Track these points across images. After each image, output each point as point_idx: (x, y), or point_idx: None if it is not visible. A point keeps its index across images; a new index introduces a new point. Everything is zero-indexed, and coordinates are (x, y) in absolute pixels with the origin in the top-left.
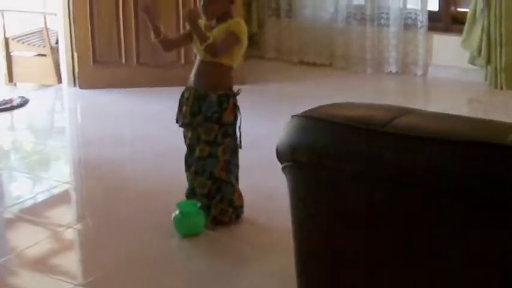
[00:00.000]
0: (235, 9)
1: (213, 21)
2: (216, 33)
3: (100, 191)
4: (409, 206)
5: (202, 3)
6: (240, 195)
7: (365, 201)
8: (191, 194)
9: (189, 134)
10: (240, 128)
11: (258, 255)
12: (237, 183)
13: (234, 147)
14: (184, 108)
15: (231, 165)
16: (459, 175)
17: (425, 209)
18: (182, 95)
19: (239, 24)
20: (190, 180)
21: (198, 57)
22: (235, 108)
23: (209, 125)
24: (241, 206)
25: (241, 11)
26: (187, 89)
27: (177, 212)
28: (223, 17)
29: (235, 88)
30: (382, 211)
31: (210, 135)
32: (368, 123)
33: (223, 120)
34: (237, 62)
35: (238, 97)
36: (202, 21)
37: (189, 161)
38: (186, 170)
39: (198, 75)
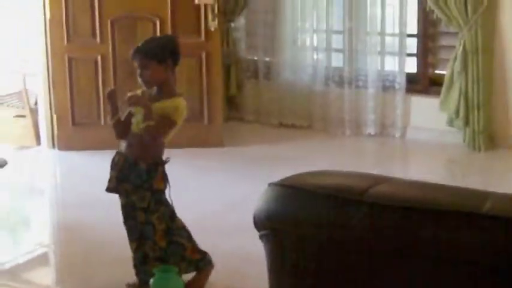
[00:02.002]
0: (173, 78)
1: (154, 90)
2: (154, 111)
3: (79, 255)
4: (386, 274)
5: (139, 71)
6: (195, 251)
7: (341, 271)
8: (143, 260)
9: (121, 200)
10: (170, 195)
11: None
12: (191, 241)
13: (171, 214)
14: (111, 173)
15: (173, 231)
16: (435, 244)
17: (402, 278)
18: (112, 160)
19: (176, 107)
20: (136, 248)
21: (132, 127)
22: (165, 176)
23: (141, 192)
24: (200, 260)
25: (220, 74)
26: (117, 153)
27: (156, 277)
28: (164, 87)
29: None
30: (359, 280)
31: (143, 202)
32: (344, 193)
33: (154, 187)
34: (169, 138)
35: (218, 158)
36: (139, 91)
37: (126, 228)
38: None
39: (129, 145)
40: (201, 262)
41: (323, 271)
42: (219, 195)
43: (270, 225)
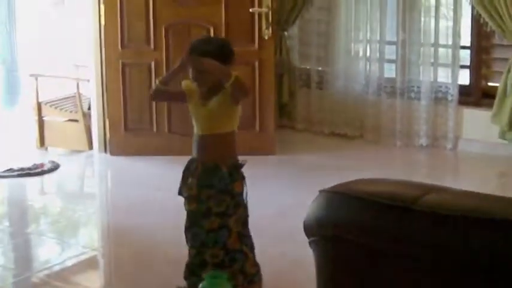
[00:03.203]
0: None
1: (204, 89)
2: (215, 104)
3: (128, 258)
4: (436, 284)
5: (194, 73)
6: (254, 264)
7: (391, 279)
8: (198, 267)
9: (192, 207)
10: (246, 197)
11: None
12: (252, 252)
13: (245, 218)
14: (190, 180)
15: (243, 237)
16: (488, 253)
17: (452, 286)
18: (187, 167)
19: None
20: (196, 254)
21: (196, 132)
22: (243, 179)
23: (221, 196)
24: (255, 274)
25: (273, 82)
26: (192, 161)
27: (205, 282)
28: (217, 86)
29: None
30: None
31: (221, 206)
32: (396, 200)
33: (234, 191)
34: (237, 123)
35: (269, 165)
36: (188, 82)
37: (189, 235)
38: (188, 243)
39: (201, 149)
40: (256, 276)
41: (371, 278)
42: (270, 202)
43: (319, 231)
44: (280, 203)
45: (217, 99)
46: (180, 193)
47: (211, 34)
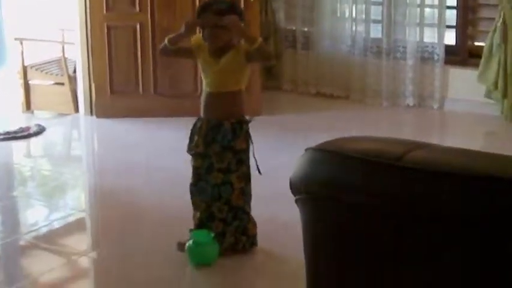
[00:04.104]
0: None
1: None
2: (227, 61)
3: (115, 220)
4: (421, 240)
5: (209, 30)
6: (255, 224)
7: (376, 235)
8: (206, 219)
9: (198, 163)
10: (254, 155)
11: (272, 285)
12: (250, 211)
13: (248, 176)
14: (196, 138)
15: (246, 194)
16: (471, 209)
17: (437, 243)
18: (194, 126)
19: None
20: (204, 208)
21: (204, 89)
22: (248, 136)
23: (223, 152)
24: (255, 235)
25: None
26: (199, 119)
27: (191, 241)
28: (228, 44)
29: (248, 116)
30: (394, 245)
31: (223, 162)
32: (381, 157)
33: (236, 147)
34: (246, 83)
35: (255, 126)
36: (198, 38)
37: (194, 190)
38: (194, 197)
39: (208, 106)
40: (255, 238)
41: (357, 235)
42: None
43: (305, 189)
44: (267, 164)
45: (228, 56)
46: (188, 151)
47: None
